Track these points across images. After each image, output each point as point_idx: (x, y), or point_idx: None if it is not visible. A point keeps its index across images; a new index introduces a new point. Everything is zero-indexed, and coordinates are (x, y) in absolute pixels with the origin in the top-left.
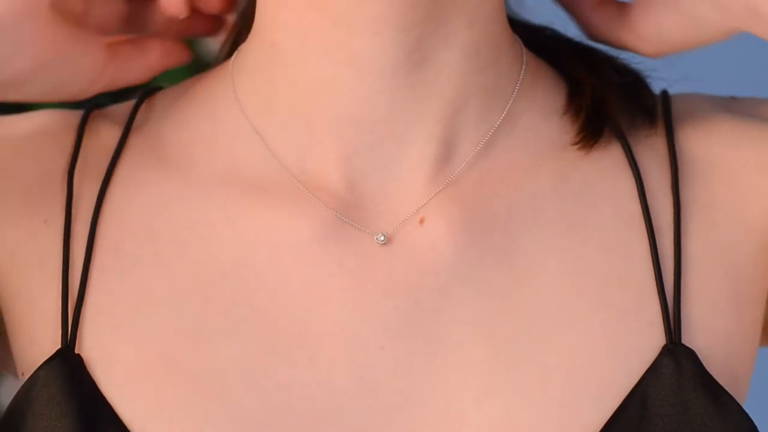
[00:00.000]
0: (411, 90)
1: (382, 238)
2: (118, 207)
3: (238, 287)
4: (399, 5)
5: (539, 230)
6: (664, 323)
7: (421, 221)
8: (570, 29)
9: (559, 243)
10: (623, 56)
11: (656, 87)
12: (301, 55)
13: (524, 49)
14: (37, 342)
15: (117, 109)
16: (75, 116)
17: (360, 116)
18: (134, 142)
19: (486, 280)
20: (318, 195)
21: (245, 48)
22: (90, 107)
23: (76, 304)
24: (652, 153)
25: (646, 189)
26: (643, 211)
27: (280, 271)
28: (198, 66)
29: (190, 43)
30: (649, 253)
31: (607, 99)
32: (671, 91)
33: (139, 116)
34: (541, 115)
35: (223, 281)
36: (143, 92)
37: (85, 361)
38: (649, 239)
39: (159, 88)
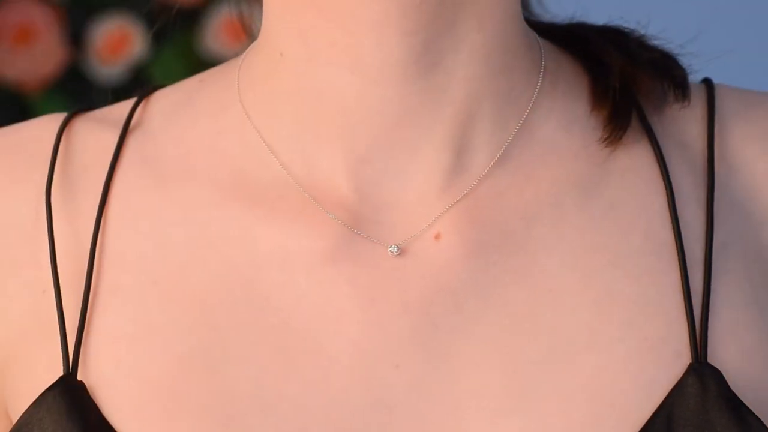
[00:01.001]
0: (422, 96)
1: (396, 249)
2: (115, 242)
3: (248, 310)
4: (403, 7)
5: (561, 250)
6: (690, 344)
7: (437, 237)
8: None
9: (584, 264)
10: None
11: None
12: (309, 62)
13: (544, 55)
14: (34, 387)
15: (109, 113)
16: (56, 124)
17: (370, 124)
18: (130, 158)
19: (504, 301)
20: (328, 207)
21: (252, 56)
22: (73, 112)
23: (76, 337)
24: (687, 157)
25: (678, 209)
26: (676, 241)
27: (292, 292)
28: (198, 66)
29: (189, 42)
30: (680, 283)
31: (636, 78)
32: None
33: (135, 125)
34: (562, 125)
35: (232, 304)
36: (141, 94)
37: (88, 389)
38: (681, 271)
39: (156, 88)
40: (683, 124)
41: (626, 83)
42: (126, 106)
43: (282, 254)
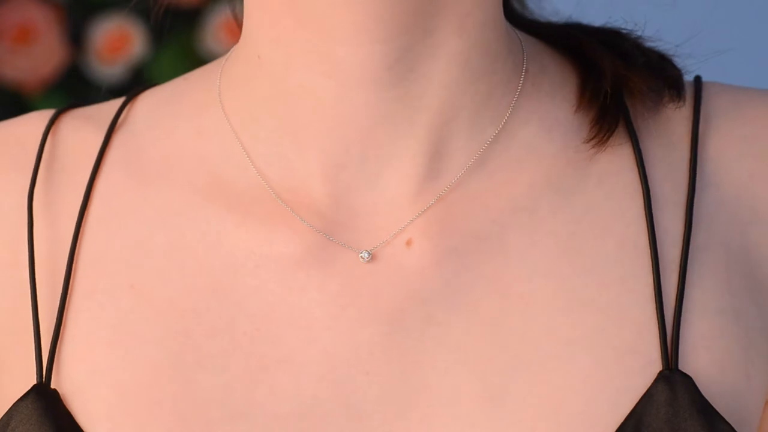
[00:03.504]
0: (397, 103)
1: (366, 255)
2: (94, 245)
3: (221, 317)
4: (379, 15)
5: (535, 257)
6: (661, 352)
7: (408, 243)
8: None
9: (556, 270)
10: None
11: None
12: (286, 67)
13: (527, 57)
14: (10, 390)
15: (98, 111)
16: (43, 122)
17: (345, 130)
18: (114, 158)
19: (474, 309)
20: (301, 213)
21: (233, 59)
22: (61, 109)
23: (51, 342)
24: (672, 158)
25: (655, 214)
26: (650, 246)
27: (265, 299)
28: (198, 66)
29: (190, 42)
30: (652, 289)
31: (628, 80)
32: (701, 71)
33: (120, 124)
34: (543, 127)
35: (205, 311)
36: (130, 94)
37: (61, 397)
38: (654, 277)
39: (146, 88)
40: (671, 124)
41: (617, 85)
42: (114, 104)
43: (255, 260)
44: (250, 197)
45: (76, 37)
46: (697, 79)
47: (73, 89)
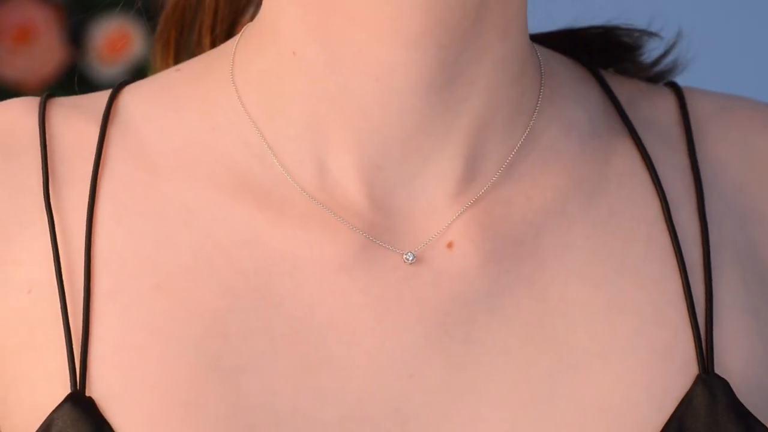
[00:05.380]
0: (441, 106)
1: (411, 257)
2: (109, 242)
3: (258, 318)
4: (444, 19)
5: (569, 259)
6: (696, 354)
7: (450, 245)
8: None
9: (591, 272)
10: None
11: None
12: (326, 65)
13: (541, 61)
14: (39, 400)
15: (83, 102)
16: (33, 111)
17: (386, 131)
18: (115, 151)
19: (516, 310)
20: (337, 213)
21: (253, 51)
22: (45, 97)
23: (81, 347)
24: (673, 160)
25: (672, 214)
26: (674, 248)
27: (304, 301)
28: None
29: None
30: (682, 289)
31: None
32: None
33: (112, 116)
34: (562, 131)
35: (241, 312)
36: (116, 87)
37: (97, 404)
38: (682, 279)
39: (127, 82)
40: (663, 128)
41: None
42: (99, 96)
43: (292, 261)
44: (278, 196)
45: (76, 37)
46: (674, 84)
47: (73, 89)
